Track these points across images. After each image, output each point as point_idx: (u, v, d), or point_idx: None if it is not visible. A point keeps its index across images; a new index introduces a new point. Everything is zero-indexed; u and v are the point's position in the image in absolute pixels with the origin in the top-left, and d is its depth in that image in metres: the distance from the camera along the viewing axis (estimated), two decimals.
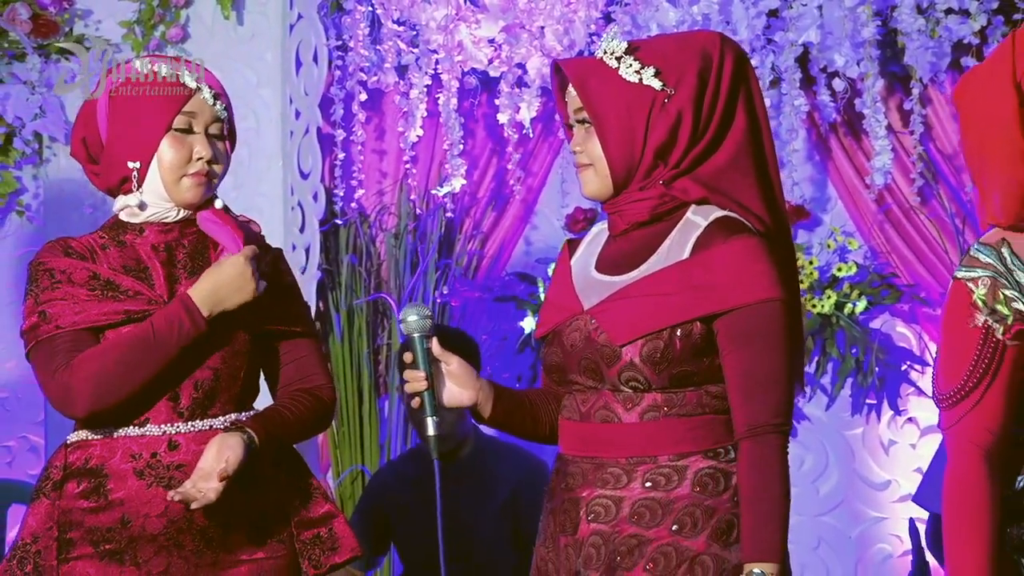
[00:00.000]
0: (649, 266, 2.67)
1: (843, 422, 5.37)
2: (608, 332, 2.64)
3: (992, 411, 2.50)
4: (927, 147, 5.25)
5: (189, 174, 2.85)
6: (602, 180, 2.71)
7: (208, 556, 2.82)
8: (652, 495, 2.64)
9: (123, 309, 2.82)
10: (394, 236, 5.45)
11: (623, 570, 2.62)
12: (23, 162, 5.15)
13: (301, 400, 2.94)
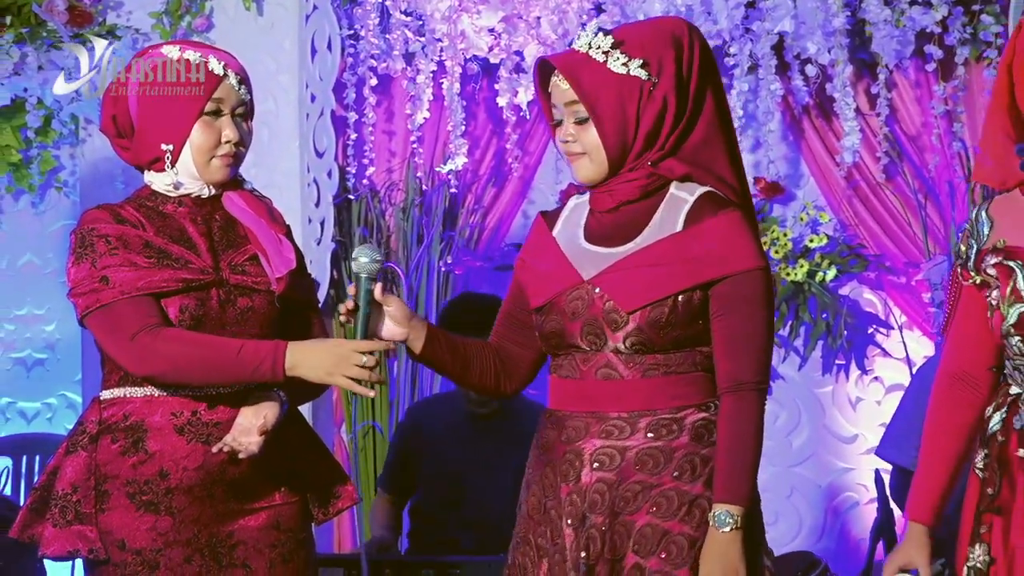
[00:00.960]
0: (644, 238, 2.68)
1: (814, 381, 5.38)
2: (615, 300, 2.65)
3: (956, 341, 2.65)
4: (892, 128, 5.25)
5: (218, 155, 2.84)
6: (597, 167, 2.71)
7: (233, 504, 2.83)
8: (655, 444, 2.66)
9: (180, 277, 2.78)
10: (402, 210, 5.46)
11: (627, 514, 2.65)
12: (61, 142, 5.16)
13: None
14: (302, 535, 2.90)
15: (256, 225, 2.86)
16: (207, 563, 2.81)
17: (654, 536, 2.64)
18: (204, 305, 2.80)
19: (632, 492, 2.65)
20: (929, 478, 2.68)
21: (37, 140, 5.12)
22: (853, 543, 5.22)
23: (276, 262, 2.83)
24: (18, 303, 5.36)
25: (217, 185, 2.88)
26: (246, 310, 2.82)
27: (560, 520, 2.70)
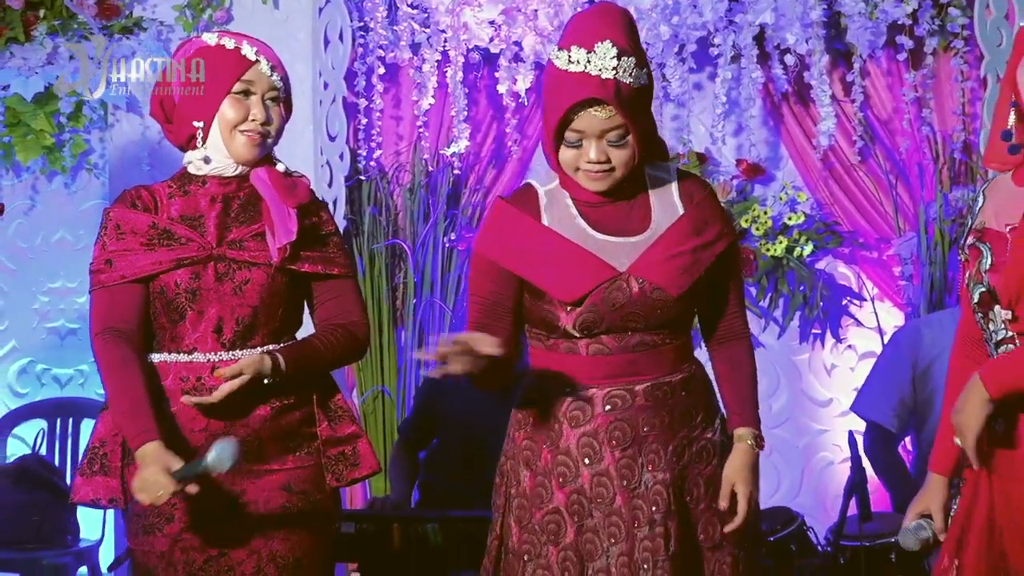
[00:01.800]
0: (657, 226, 2.71)
1: (792, 349, 5.38)
2: (663, 287, 2.67)
3: (963, 311, 2.67)
4: (866, 114, 5.24)
5: (243, 131, 2.86)
6: (618, 178, 2.68)
7: (245, 465, 2.81)
8: (689, 397, 2.75)
9: (174, 256, 2.82)
10: (409, 190, 5.46)
11: (684, 467, 2.74)
12: (91, 127, 5.16)
13: (335, 333, 2.93)
14: (315, 497, 2.89)
15: (270, 198, 2.87)
16: (220, 519, 2.82)
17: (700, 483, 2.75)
18: (199, 279, 2.82)
19: (683, 444, 2.73)
20: (947, 432, 2.65)
21: (69, 125, 5.12)
22: (828, 499, 5.23)
23: (279, 233, 2.83)
24: (52, 277, 5.37)
25: (244, 163, 2.88)
26: (243, 283, 2.84)
27: (611, 480, 2.71)
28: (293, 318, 2.95)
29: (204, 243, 2.84)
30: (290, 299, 2.91)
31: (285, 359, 2.82)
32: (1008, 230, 2.53)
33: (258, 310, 2.85)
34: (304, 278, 2.91)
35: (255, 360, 2.79)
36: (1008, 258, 2.50)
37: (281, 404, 2.86)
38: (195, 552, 2.81)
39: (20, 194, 5.31)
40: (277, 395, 2.85)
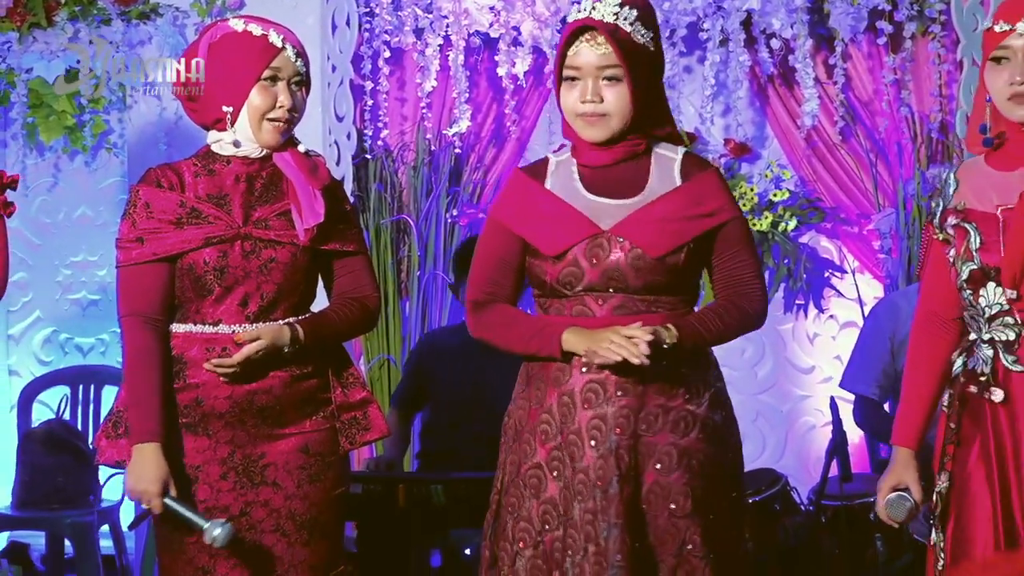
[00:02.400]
0: (650, 191, 2.69)
1: (776, 319, 5.38)
2: (642, 247, 2.65)
3: (930, 286, 2.69)
4: (847, 95, 5.24)
5: (271, 118, 2.84)
6: (615, 128, 2.68)
7: (264, 429, 2.84)
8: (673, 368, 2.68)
9: (203, 235, 2.81)
10: (413, 168, 5.45)
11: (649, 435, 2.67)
12: (110, 108, 5.16)
13: (349, 306, 2.93)
14: (331, 459, 2.90)
15: (297, 180, 2.85)
16: (240, 480, 2.84)
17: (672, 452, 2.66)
18: (226, 257, 2.82)
19: (653, 415, 2.66)
20: (911, 408, 2.71)
21: (89, 106, 5.11)
22: (810, 461, 5.24)
23: (307, 215, 2.83)
24: (74, 251, 5.38)
25: (269, 148, 2.87)
26: (269, 261, 2.84)
27: (582, 443, 2.66)
28: (310, 292, 2.96)
29: (231, 222, 2.84)
30: (310, 275, 2.92)
31: (304, 330, 2.83)
32: (1000, 211, 2.54)
33: (282, 286, 2.86)
34: (324, 256, 2.92)
35: (274, 329, 2.81)
36: (1007, 239, 2.51)
37: (299, 372, 2.86)
38: (218, 512, 2.81)
39: (43, 172, 5.31)
40: (296, 364, 2.86)
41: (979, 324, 2.58)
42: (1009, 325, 2.55)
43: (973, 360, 2.59)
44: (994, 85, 2.58)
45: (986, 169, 2.62)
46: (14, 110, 5.08)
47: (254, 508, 2.83)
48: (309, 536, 2.85)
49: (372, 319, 2.99)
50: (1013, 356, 2.54)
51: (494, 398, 4.22)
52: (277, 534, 2.84)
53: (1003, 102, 2.57)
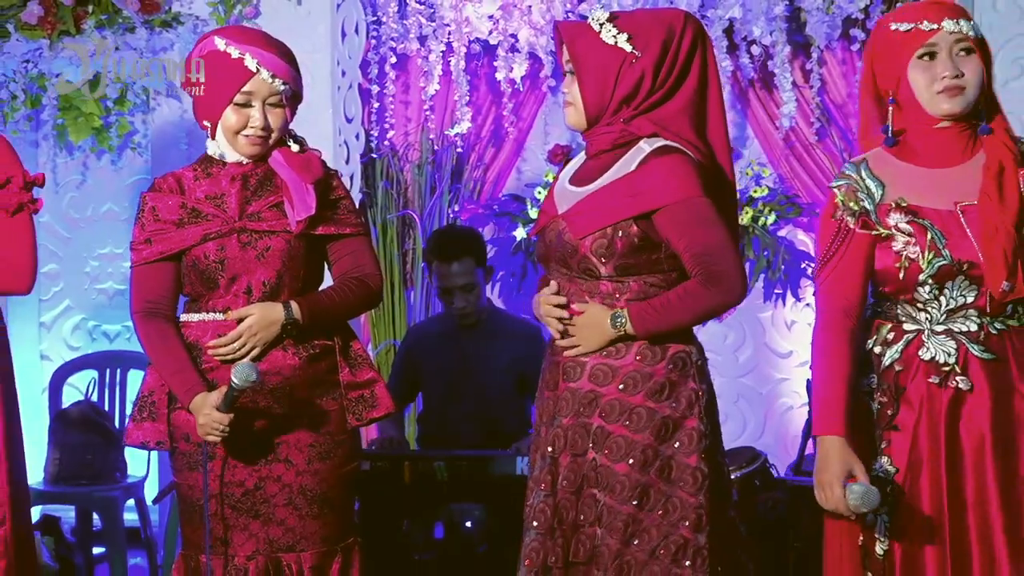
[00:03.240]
0: (604, 179, 2.67)
1: (756, 307, 5.40)
2: (571, 230, 2.64)
3: (846, 279, 2.56)
4: (823, 99, 5.24)
5: (244, 135, 2.84)
6: (579, 116, 2.71)
7: (276, 408, 2.83)
8: (605, 362, 2.65)
9: (202, 232, 2.83)
10: (417, 166, 5.45)
11: (584, 417, 2.65)
12: (134, 110, 5.15)
13: (349, 285, 2.91)
14: (340, 437, 2.89)
15: (289, 178, 2.85)
16: (255, 457, 2.84)
17: (603, 436, 2.62)
18: (224, 250, 2.83)
19: (587, 400, 2.64)
20: (837, 397, 2.52)
21: (115, 108, 5.10)
22: (788, 440, 5.25)
23: (298, 209, 2.83)
24: (101, 243, 5.38)
25: (249, 158, 2.87)
26: (265, 250, 2.84)
27: (541, 418, 2.72)
28: (314, 277, 2.94)
29: (227, 218, 2.84)
30: (309, 260, 2.90)
31: (300, 307, 2.82)
32: (959, 207, 2.52)
33: (281, 272, 2.85)
34: (320, 240, 2.90)
35: (266, 304, 2.81)
36: (981, 235, 2.47)
37: (309, 354, 2.86)
38: (234, 486, 2.83)
39: (72, 170, 5.31)
40: (305, 346, 2.85)
41: (931, 316, 2.54)
42: (971, 317, 2.53)
43: (925, 351, 2.55)
44: (921, 81, 2.53)
45: (909, 166, 2.57)
46: (45, 112, 5.07)
47: (267, 483, 2.83)
48: (320, 510, 2.85)
49: (374, 296, 2.94)
50: (981, 346, 2.52)
51: (482, 377, 4.25)
52: (290, 508, 2.84)
53: (931, 97, 2.53)
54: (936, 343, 2.53)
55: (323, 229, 2.88)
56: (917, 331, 2.55)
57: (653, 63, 2.66)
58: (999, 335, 2.52)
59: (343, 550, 2.89)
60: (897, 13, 2.61)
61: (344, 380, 2.89)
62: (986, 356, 2.51)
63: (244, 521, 2.81)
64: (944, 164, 2.56)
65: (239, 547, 2.82)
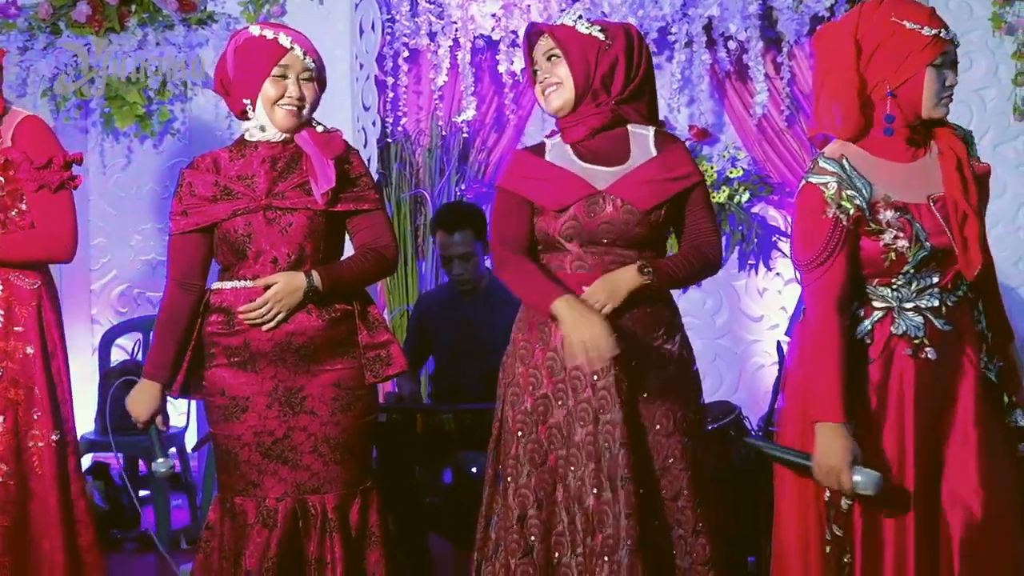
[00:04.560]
0: (634, 160, 2.70)
1: (732, 276, 5.41)
2: (632, 203, 2.66)
3: (839, 274, 2.45)
4: (792, 89, 5.23)
5: (282, 106, 2.84)
6: (567, 95, 2.71)
7: (302, 366, 2.84)
8: (648, 309, 2.69)
9: (232, 208, 2.84)
10: (428, 150, 5.45)
11: (642, 368, 2.67)
12: (174, 100, 5.14)
13: (366, 255, 2.89)
14: (360, 392, 2.88)
15: (312, 153, 2.85)
16: (283, 408, 2.85)
17: (655, 384, 2.66)
18: (251, 225, 2.84)
19: (641, 354, 2.66)
20: (833, 385, 2.42)
21: (156, 98, 5.10)
22: (760, 394, 5.27)
23: (321, 181, 2.82)
24: (144, 220, 5.37)
25: (285, 130, 2.87)
26: (288, 226, 2.84)
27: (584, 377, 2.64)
28: (335, 248, 2.93)
29: (254, 196, 2.84)
30: (330, 234, 2.89)
31: (321, 276, 2.82)
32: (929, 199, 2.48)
33: (303, 246, 2.84)
34: (341, 216, 2.90)
35: (289, 273, 2.81)
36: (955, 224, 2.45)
37: (331, 318, 2.85)
38: (265, 435, 2.83)
39: (118, 154, 5.30)
40: (327, 310, 2.85)
41: (902, 295, 2.52)
42: (934, 295, 2.51)
43: (896, 327, 2.52)
44: (934, 87, 2.45)
45: (882, 162, 2.50)
46: (93, 101, 5.07)
47: (295, 432, 2.84)
48: (342, 456, 2.86)
49: (389, 265, 2.92)
50: (942, 319, 2.52)
51: (484, 339, 4.25)
52: (315, 455, 2.84)
53: (935, 103, 2.47)
54: (906, 319, 2.50)
55: (343, 206, 2.87)
56: (887, 308, 2.51)
57: (624, 51, 2.72)
58: (954, 307, 2.52)
59: (362, 492, 2.90)
60: (905, 10, 2.47)
61: (363, 341, 2.88)
62: (946, 328, 2.50)
63: (274, 467, 2.82)
64: (908, 159, 2.51)
65: (269, 490, 2.83)
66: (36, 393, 2.92)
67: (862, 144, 2.49)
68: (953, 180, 2.46)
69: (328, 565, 2.82)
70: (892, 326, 2.51)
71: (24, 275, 2.95)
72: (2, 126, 2.94)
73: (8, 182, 2.92)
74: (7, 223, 2.93)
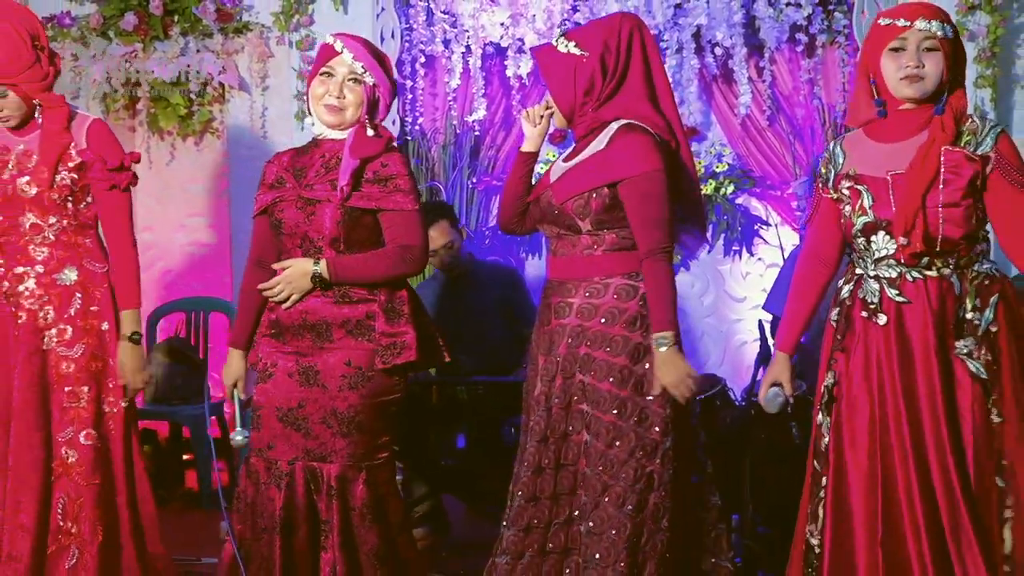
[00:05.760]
0: (582, 156, 2.70)
1: (718, 260, 5.40)
2: (553, 196, 2.70)
3: (820, 231, 2.66)
4: (773, 91, 5.22)
5: (323, 104, 2.82)
6: (559, 117, 2.74)
7: (317, 343, 2.82)
8: (589, 301, 2.67)
9: (276, 196, 2.84)
10: (442, 147, 5.44)
11: (574, 347, 2.67)
12: (213, 102, 5.14)
13: (387, 252, 2.81)
14: (369, 373, 2.80)
15: (344, 152, 2.82)
16: (300, 380, 2.84)
17: (589, 361, 2.65)
18: (285, 212, 2.84)
19: (575, 333, 2.66)
20: (794, 323, 2.68)
21: (197, 100, 5.10)
22: (743, 368, 5.27)
23: (341, 176, 2.79)
24: (187, 212, 5.38)
25: (329, 126, 2.85)
26: (311, 214, 2.82)
27: (538, 349, 2.74)
28: (364, 242, 2.84)
29: (294, 186, 2.84)
30: (354, 226, 2.82)
31: (328, 263, 2.77)
32: (889, 175, 2.51)
33: (326, 234, 2.81)
34: (360, 211, 2.82)
35: (299, 260, 2.80)
36: (897, 198, 2.48)
37: (346, 302, 2.81)
38: (281, 401, 2.82)
39: (163, 151, 5.31)
40: (342, 295, 2.82)
41: (866, 263, 2.56)
42: (892, 265, 2.53)
43: (862, 291, 2.58)
44: (889, 68, 2.51)
45: (870, 142, 2.58)
46: (140, 103, 5.07)
47: (308, 403, 2.82)
48: (347, 430, 2.80)
49: (411, 262, 2.81)
50: (896, 290, 2.53)
51: (476, 315, 4.26)
52: (323, 425, 2.80)
53: (896, 83, 2.51)
54: (868, 285, 2.55)
55: (360, 202, 2.80)
56: (861, 274, 2.59)
57: (599, 58, 2.67)
58: (914, 283, 2.52)
59: (368, 468, 2.81)
60: (889, 10, 2.58)
61: (379, 328, 2.81)
62: (900, 299, 2.51)
63: (288, 432, 2.81)
64: (898, 139, 2.54)
65: (282, 453, 2.81)
66: (111, 364, 2.94)
67: (867, 128, 2.59)
68: (915, 161, 2.48)
69: (330, 527, 2.79)
70: (859, 290, 2.57)
71: (95, 260, 2.97)
72: (72, 128, 2.94)
73: (80, 179, 2.93)
74: (77, 215, 2.95)
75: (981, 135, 2.50)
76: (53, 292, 2.92)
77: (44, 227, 2.93)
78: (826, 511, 2.54)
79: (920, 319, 2.50)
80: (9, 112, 2.88)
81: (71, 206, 2.93)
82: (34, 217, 2.92)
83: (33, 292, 2.91)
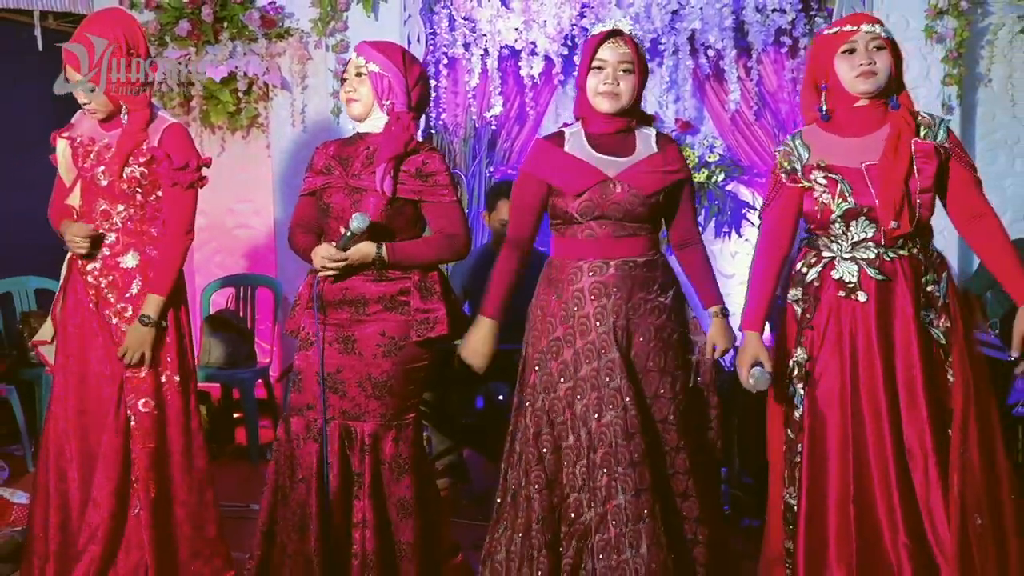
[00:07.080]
0: (639, 154, 2.69)
1: (710, 241, 5.39)
2: (636, 188, 2.66)
3: (779, 219, 2.60)
4: (760, 89, 5.20)
5: (344, 100, 2.85)
6: (623, 102, 2.66)
7: (354, 314, 2.81)
8: (649, 273, 2.68)
9: (325, 182, 2.84)
10: (463, 140, 5.45)
11: (638, 317, 2.67)
12: (258, 100, 5.16)
13: (436, 239, 2.81)
14: (402, 343, 2.79)
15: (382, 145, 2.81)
16: (339, 347, 2.83)
17: (650, 329, 2.67)
18: (333, 197, 2.83)
19: (636, 304, 2.66)
20: (759, 303, 2.61)
21: (244, 98, 5.11)
22: None
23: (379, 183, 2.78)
24: (235, 199, 5.40)
25: (352, 118, 2.86)
26: (356, 201, 2.81)
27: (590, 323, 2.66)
28: (405, 228, 2.82)
29: (341, 174, 2.84)
30: (396, 215, 2.81)
31: (388, 249, 2.78)
32: (864, 166, 2.51)
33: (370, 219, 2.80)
34: (401, 200, 2.81)
35: (364, 243, 2.78)
36: (878, 187, 2.48)
37: (384, 280, 2.81)
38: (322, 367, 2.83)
39: (214, 144, 5.33)
40: (378, 275, 2.81)
41: (841, 247, 2.55)
42: (870, 247, 2.53)
43: (836, 272, 2.55)
44: (844, 68, 2.52)
45: (831, 136, 2.56)
46: (193, 101, 5.08)
47: (345, 369, 2.82)
48: (380, 393, 2.81)
49: (456, 249, 2.80)
50: (875, 269, 2.52)
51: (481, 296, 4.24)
52: (358, 388, 2.81)
53: (851, 80, 2.51)
54: (844, 267, 2.53)
55: (405, 193, 2.80)
56: (831, 258, 2.56)
57: (642, 69, 2.70)
58: (892, 262, 2.52)
59: (397, 427, 2.82)
60: (830, 24, 2.62)
61: (414, 305, 2.80)
62: (879, 277, 2.51)
63: (327, 394, 2.83)
64: (859, 134, 2.54)
65: (320, 413, 2.81)
66: (167, 339, 2.96)
67: (824, 125, 2.58)
68: (888, 151, 2.49)
69: (362, 479, 2.80)
70: (832, 272, 2.55)
71: (154, 246, 2.98)
72: (151, 129, 2.96)
73: (150, 173, 2.95)
74: (146, 207, 2.97)
75: (936, 128, 2.54)
76: (117, 273, 2.95)
77: (113, 214, 2.95)
78: (802, 474, 2.54)
79: (900, 294, 2.52)
80: (96, 106, 2.92)
81: (140, 197, 2.95)
82: (105, 204, 2.94)
83: (101, 272, 2.94)
